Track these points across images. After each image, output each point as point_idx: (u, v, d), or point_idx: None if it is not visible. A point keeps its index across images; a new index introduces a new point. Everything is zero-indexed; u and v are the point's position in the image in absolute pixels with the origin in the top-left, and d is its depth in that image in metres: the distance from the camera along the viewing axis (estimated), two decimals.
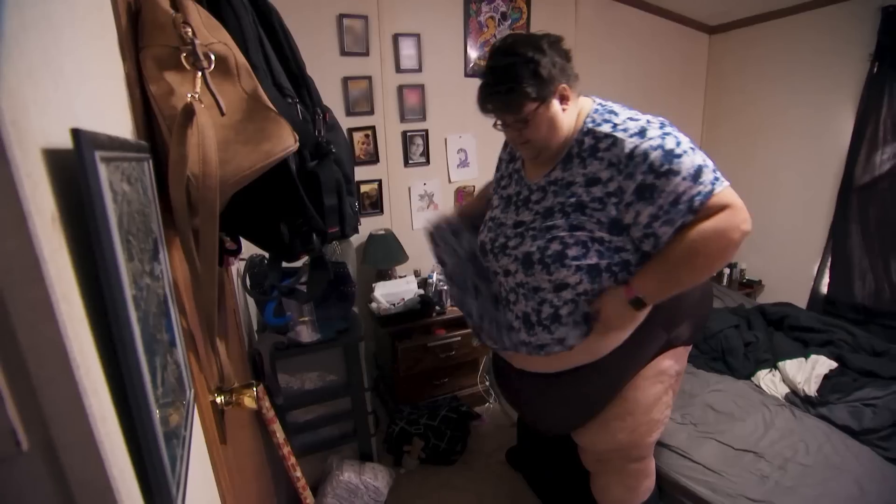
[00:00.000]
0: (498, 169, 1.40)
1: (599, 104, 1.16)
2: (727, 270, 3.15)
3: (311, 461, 1.96)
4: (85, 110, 0.43)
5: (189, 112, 0.59)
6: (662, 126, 1.07)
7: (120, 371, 0.37)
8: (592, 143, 1.09)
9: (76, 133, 0.32)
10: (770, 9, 2.81)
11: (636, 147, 1.03)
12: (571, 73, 1.12)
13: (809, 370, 1.90)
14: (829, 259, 2.74)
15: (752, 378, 2.04)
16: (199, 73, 0.61)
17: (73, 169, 0.34)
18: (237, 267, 1.83)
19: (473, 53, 2.67)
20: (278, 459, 1.67)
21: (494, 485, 2.10)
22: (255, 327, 2.04)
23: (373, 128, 2.52)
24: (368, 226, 2.56)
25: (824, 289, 2.79)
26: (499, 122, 1.15)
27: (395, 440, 2.27)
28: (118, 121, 0.55)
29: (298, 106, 0.87)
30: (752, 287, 3.13)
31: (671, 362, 1.33)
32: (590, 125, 1.12)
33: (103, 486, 0.33)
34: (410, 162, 2.65)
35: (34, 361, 0.30)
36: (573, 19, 2.86)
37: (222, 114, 0.63)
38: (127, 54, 0.59)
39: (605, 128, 1.09)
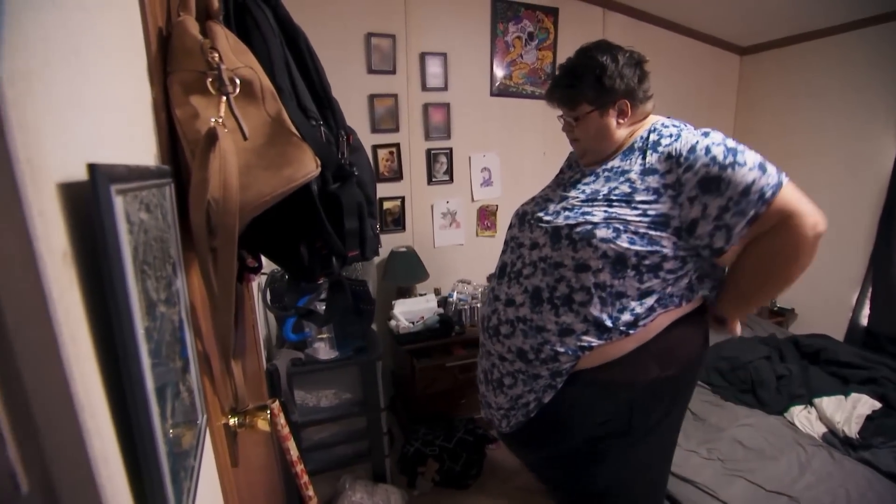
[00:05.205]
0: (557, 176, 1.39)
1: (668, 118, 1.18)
2: None
3: (324, 479, 1.93)
4: (107, 138, 0.43)
5: (212, 136, 0.59)
6: (725, 136, 1.08)
7: (127, 409, 0.36)
8: (656, 139, 1.10)
9: (92, 168, 0.32)
10: (805, 30, 2.74)
11: (698, 142, 1.03)
12: (640, 93, 1.14)
13: (850, 409, 1.79)
14: (870, 288, 2.61)
15: (785, 414, 1.93)
16: (224, 98, 0.61)
17: (89, 202, 0.33)
18: (258, 281, 1.85)
19: (500, 73, 2.67)
20: (292, 476, 1.66)
21: None
22: (273, 342, 2.05)
23: (397, 145, 2.53)
24: (390, 242, 2.56)
25: (864, 320, 2.65)
26: (561, 115, 1.22)
27: (409, 461, 2.23)
28: (142, 145, 0.56)
29: (322, 128, 0.87)
30: (783, 316, 3.00)
31: None
32: (657, 126, 1.14)
33: None
34: (434, 180, 2.66)
35: (37, 402, 0.29)
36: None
37: (245, 138, 0.63)
38: (155, 79, 0.59)
39: (672, 129, 1.10)
